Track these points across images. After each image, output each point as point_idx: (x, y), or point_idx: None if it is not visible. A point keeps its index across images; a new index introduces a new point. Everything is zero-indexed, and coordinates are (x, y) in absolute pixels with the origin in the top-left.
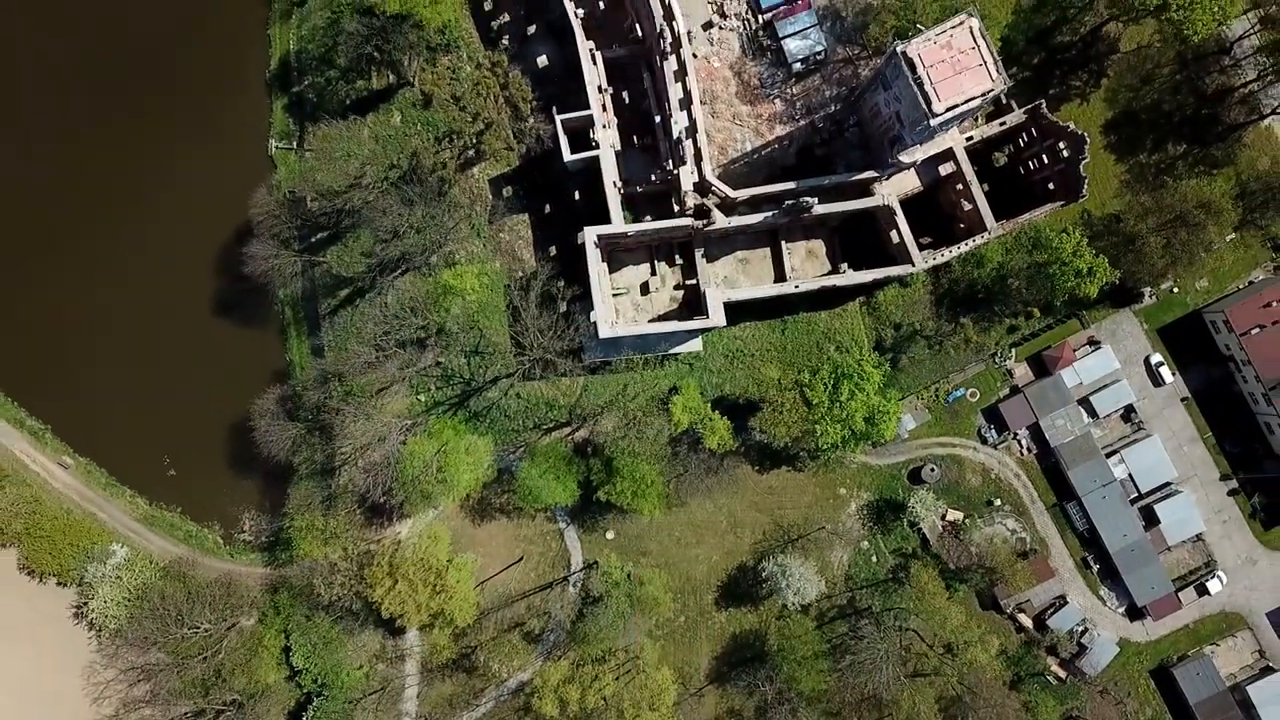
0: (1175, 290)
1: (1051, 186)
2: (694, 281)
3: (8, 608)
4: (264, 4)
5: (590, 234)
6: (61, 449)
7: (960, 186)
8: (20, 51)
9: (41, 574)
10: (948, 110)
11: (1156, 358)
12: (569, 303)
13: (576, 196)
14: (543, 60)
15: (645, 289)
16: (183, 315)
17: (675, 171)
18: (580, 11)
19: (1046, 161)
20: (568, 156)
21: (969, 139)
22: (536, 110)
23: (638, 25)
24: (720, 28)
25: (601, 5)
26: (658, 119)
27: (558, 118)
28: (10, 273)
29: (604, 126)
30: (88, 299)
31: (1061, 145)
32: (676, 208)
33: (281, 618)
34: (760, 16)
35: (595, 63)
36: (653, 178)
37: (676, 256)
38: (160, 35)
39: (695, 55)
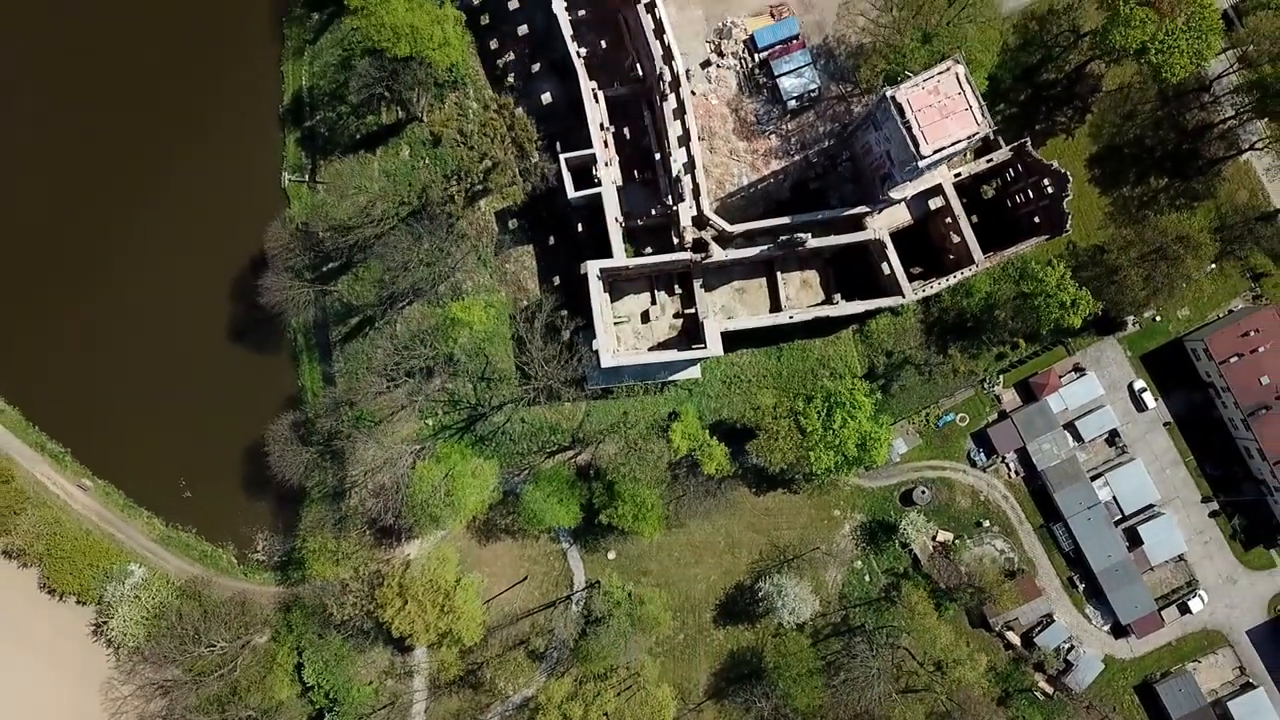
0: (1157, 319)
1: (1037, 220)
2: (693, 310)
3: (29, 625)
4: (277, 41)
5: (593, 268)
6: (81, 472)
7: (949, 220)
8: (41, 89)
9: (62, 593)
10: (935, 152)
11: (1139, 384)
12: (572, 333)
13: (580, 229)
14: (547, 97)
15: (645, 317)
16: (198, 342)
17: (674, 208)
18: (583, 51)
19: (1032, 196)
20: (571, 194)
21: (957, 175)
22: (541, 149)
23: (638, 64)
24: (718, 66)
25: (603, 45)
26: (658, 156)
27: (561, 157)
28: (31, 302)
29: (606, 164)
30: (106, 326)
31: (1046, 182)
32: (676, 241)
33: (294, 635)
34: (756, 55)
35: (597, 101)
36: (653, 211)
37: (676, 286)
38: (177, 68)
39: (694, 93)
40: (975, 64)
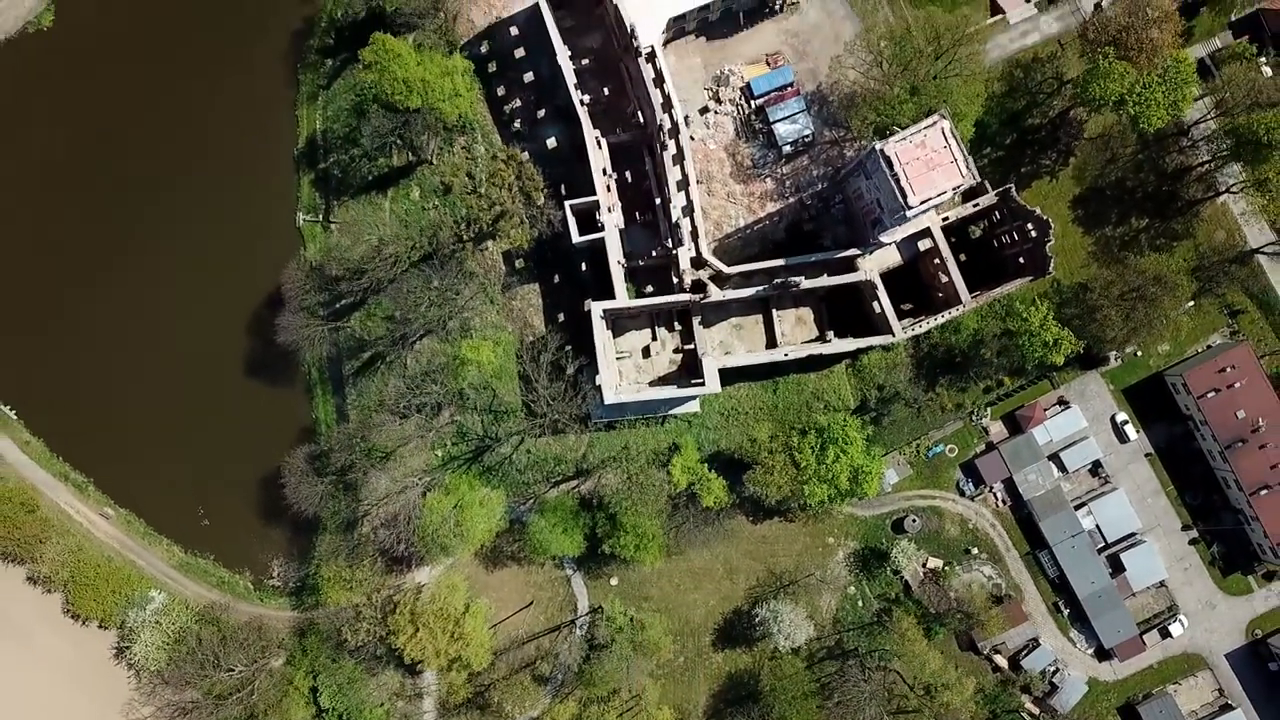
0: (1139, 354)
1: (1022, 261)
2: (692, 346)
3: (53, 648)
4: (292, 87)
5: (596, 308)
6: (103, 501)
7: (938, 261)
8: (71, 136)
9: (84, 617)
10: (922, 203)
11: (1122, 416)
12: (577, 371)
13: (584, 268)
14: (552, 142)
15: (646, 352)
16: (216, 375)
17: (674, 251)
18: (586, 98)
19: (1017, 238)
20: (576, 238)
21: (945, 219)
22: (548, 197)
23: (640, 112)
24: (716, 113)
25: (606, 92)
26: (658, 200)
27: (567, 205)
28: (56, 338)
29: (608, 209)
30: (128, 361)
31: (1030, 226)
32: (675, 281)
33: (309, 659)
34: (753, 102)
35: (600, 148)
36: (654, 253)
37: (676, 322)
38: (197, 112)
39: (693, 138)
40: (961, 115)
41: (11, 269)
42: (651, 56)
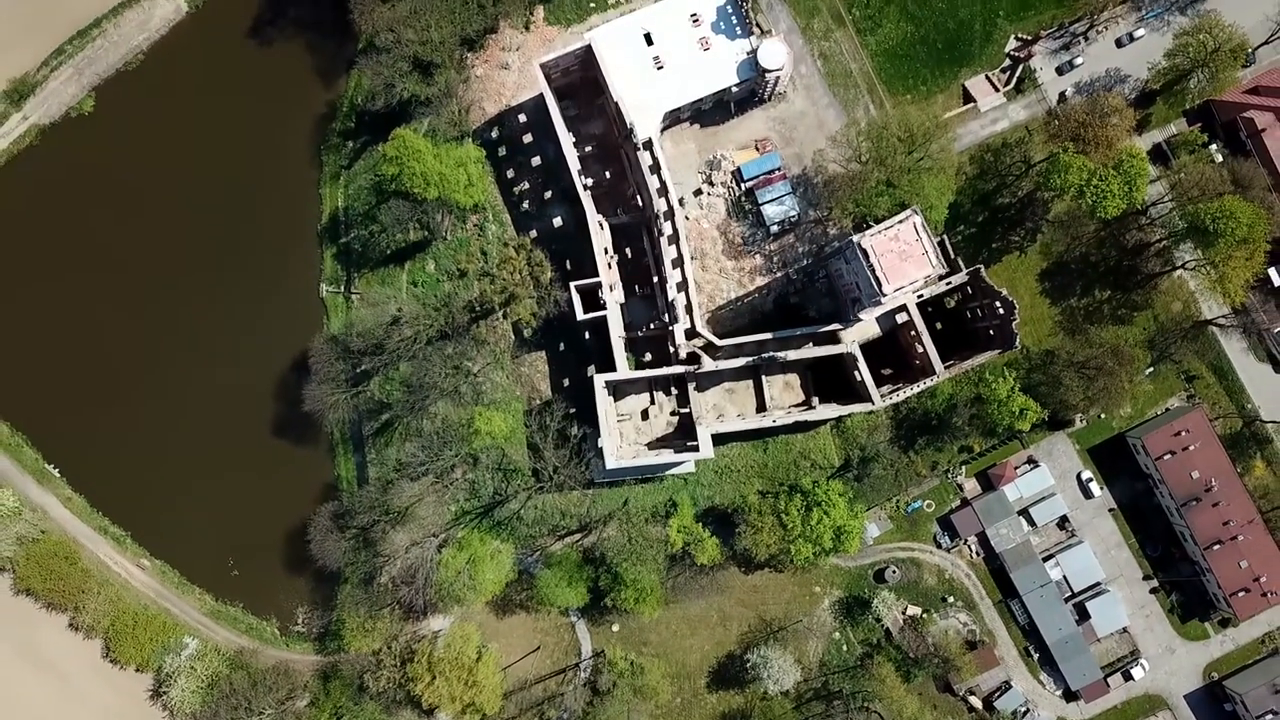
0: (1102, 416)
1: (992, 334)
2: (688, 410)
3: (93, 692)
4: (316, 166)
5: (599, 380)
6: (140, 552)
7: (913, 333)
8: (110, 215)
9: (123, 663)
10: (895, 290)
11: (1087, 474)
12: (580, 439)
13: (587, 337)
14: (558, 221)
15: (645, 415)
16: (245, 435)
17: (670, 327)
18: (589, 181)
19: (986, 313)
20: (580, 316)
21: (920, 295)
22: (554, 279)
23: (639, 194)
24: (709, 194)
25: (608, 175)
26: (655, 279)
27: (572, 285)
28: (97, 399)
29: (610, 288)
30: (163, 422)
31: (998, 304)
32: (672, 351)
33: (332, 701)
34: (743, 185)
35: (602, 229)
36: (652, 325)
37: (672, 387)
38: (230, 192)
39: (687, 218)
40: (932, 206)
41: (54, 338)
42: (648, 145)
